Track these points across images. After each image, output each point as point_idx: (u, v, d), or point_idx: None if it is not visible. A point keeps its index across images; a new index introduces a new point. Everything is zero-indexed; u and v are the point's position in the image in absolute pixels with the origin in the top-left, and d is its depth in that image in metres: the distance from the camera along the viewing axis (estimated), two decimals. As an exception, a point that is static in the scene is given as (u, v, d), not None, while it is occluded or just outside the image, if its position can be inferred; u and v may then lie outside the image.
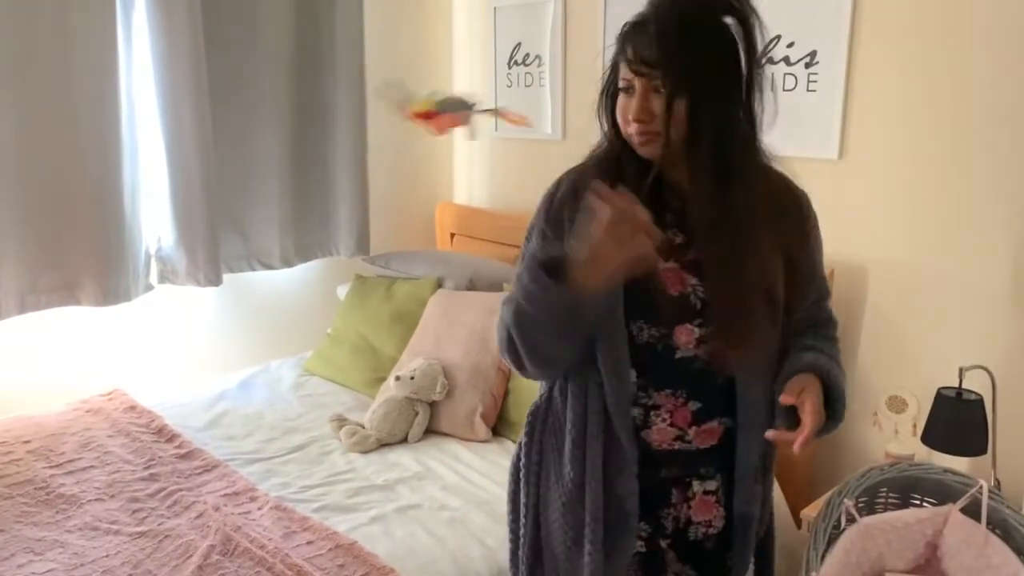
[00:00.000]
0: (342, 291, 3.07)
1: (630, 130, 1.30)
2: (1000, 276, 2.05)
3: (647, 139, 1.28)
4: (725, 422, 1.39)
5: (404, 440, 2.37)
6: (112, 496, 2.01)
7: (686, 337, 1.31)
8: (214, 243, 2.74)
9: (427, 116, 1.67)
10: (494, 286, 2.78)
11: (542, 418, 1.44)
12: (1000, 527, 1.72)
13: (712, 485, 1.42)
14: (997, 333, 2.06)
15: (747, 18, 1.27)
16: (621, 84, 1.30)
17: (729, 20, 1.26)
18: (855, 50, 2.22)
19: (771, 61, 2.38)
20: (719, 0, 1.26)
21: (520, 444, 1.47)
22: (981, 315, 2.09)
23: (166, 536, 1.82)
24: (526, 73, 3.13)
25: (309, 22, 2.95)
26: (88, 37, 2.42)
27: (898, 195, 2.20)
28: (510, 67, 3.19)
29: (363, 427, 2.36)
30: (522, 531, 1.46)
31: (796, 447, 1.26)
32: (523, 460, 1.45)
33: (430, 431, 2.42)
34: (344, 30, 2.99)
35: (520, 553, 1.47)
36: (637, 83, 1.27)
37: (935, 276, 2.16)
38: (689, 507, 1.42)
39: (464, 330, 2.53)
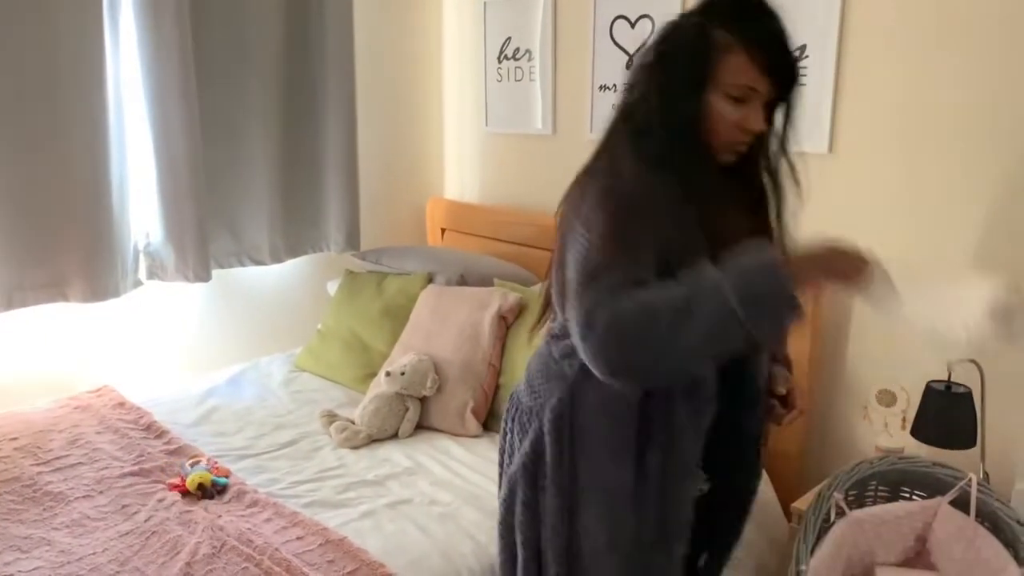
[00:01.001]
0: (332, 287, 3.06)
1: (739, 138, 1.30)
2: (987, 270, 2.05)
3: (744, 148, 1.33)
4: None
5: (395, 436, 2.36)
6: (100, 493, 1.99)
7: None
8: (203, 239, 2.72)
9: None
10: (485, 281, 2.77)
11: (569, 422, 1.37)
12: (989, 519, 1.73)
13: None
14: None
15: None
16: (739, 91, 1.26)
17: None
18: (845, 44, 2.22)
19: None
20: None
21: (533, 451, 1.41)
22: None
23: (153, 533, 1.81)
24: (516, 68, 3.13)
25: (298, 17, 2.94)
26: (75, 34, 2.40)
27: (888, 189, 2.20)
28: (500, 61, 3.18)
29: (353, 423, 2.35)
30: (553, 538, 1.40)
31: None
32: (552, 469, 1.38)
33: (421, 427, 2.41)
34: (333, 25, 2.98)
35: (551, 560, 1.42)
36: (762, 95, 1.27)
37: (924, 270, 2.16)
38: None
39: (455, 326, 2.53)
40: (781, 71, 1.26)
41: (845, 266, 1.19)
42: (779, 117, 1.36)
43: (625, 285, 1.17)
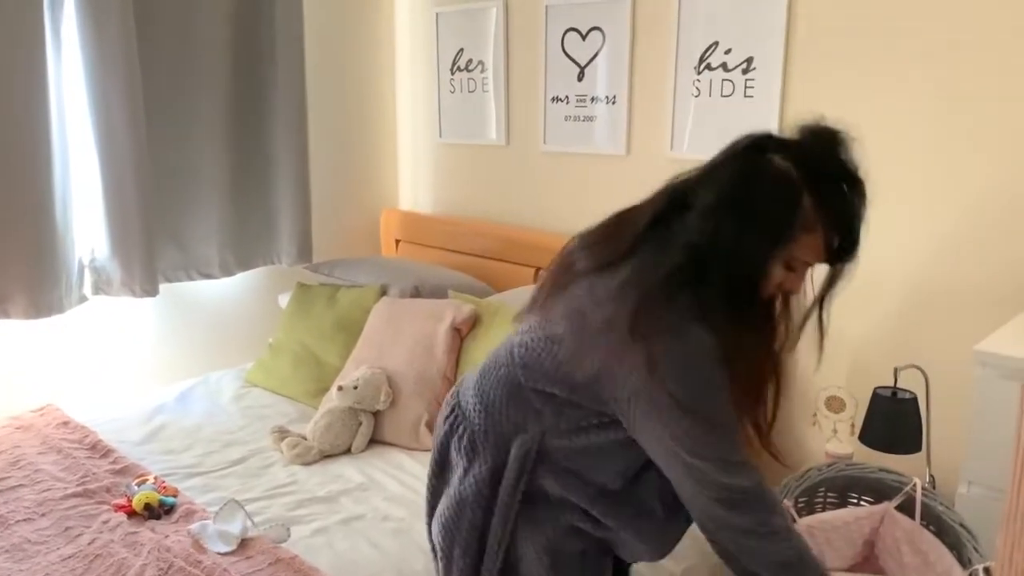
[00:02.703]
0: (284, 300, 3.02)
1: (773, 294, 1.32)
2: (931, 277, 2.10)
3: None
4: None
5: (348, 451, 2.33)
6: (42, 515, 1.94)
7: None
8: (150, 253, 2.67)
9: None
10: (439, 293, 2.76)
11: (533, 463, 1.39)
12: (934, 523, 1.76)
13: None
14: (930, 333, 2.11)
15: None
16: (798, 265, 1.26)
17: None
18: (790, 56, 2.26)
19: (709, 68, 2.41)
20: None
21: (492, 477, 1.41)
22: (914, 316, 2.13)
23: (98, 556, 1.76)
24: (469, 79, 3.13)
25: (248, 26, 2.90)
26: (13, 41, 2.34)
27: (834, 199, 2.24)
28: (453, 73, 3.18)
29: (305, 439, 2.32)
30: (490, 556, 1.42)
31: None
32: (505, 496, 1.40)
33: (374, 441, 2.39)
34: (284, 34, 2.95)
35: None
36: (813, 266, 1.28)
37: (869, 278, 2.20)
38: None
39: (409, 338, 2.51)
40: (848, 256, 1.25)
41: None
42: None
43: (764, 492, 1.32)
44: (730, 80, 2.36)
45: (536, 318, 1.43)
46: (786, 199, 1.20)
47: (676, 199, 1.30)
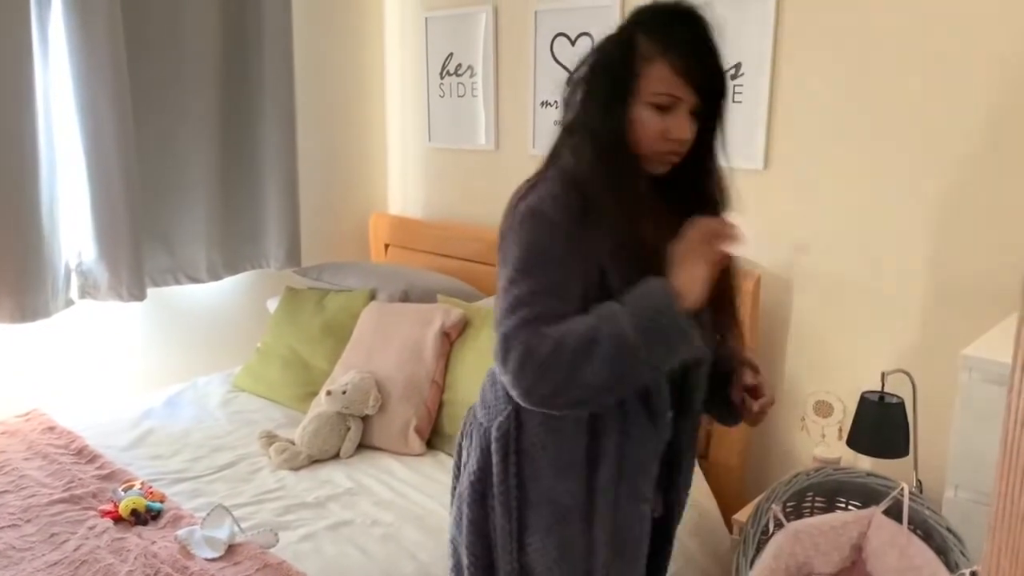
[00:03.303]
0: (272, 304, 3.01)
1: (665, 148, 1.28)
2: (918, 283, 2.11)
3: (675, 159, 1.30)
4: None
5: (336, 456, 2.32)
6: (27, 521, 1.92)
7: None
8: (137, 256, 2.65)
9: None
10: (428, 297, 2.76)
11: (515, 438, 1.36)
12: (921, 527, 1.77)
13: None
14: (916, 337, 2.12)
15: None
16: (661, 100, 1.25)
17: None
18: (778, 62, 2.27)
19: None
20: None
21: (480, 468, 1.40)
22: (901, 320, 2.15)
23: (84, 562, 1.75)
24: (458, 83, 3.13)
25: (236, 29, 2.90)
26: (0, 44, 2.33)
27: (820, 204, 2.25)
28: (442, 77, 3.18)
29: (293, 443, 2.31)
30: (507, 559, 1.39)
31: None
32: (498, 487, 1.37)
33: (363, 446, 2.38)
34: (273, 38, 2.94)
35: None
36: (686, 103, 1.26)
37: (857, 284, 2.21)
38: None
39: (398, 342, 2.51)
40: (702, 78, 1.25)
41: (708, 239, 1.22)
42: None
43: (540, 319, 1.21)
44: (719, 86, 2.37)
45: None
46: (619, 42, 1.27)
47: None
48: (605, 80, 1.28)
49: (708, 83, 1.26)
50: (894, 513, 1.79)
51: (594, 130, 1.28)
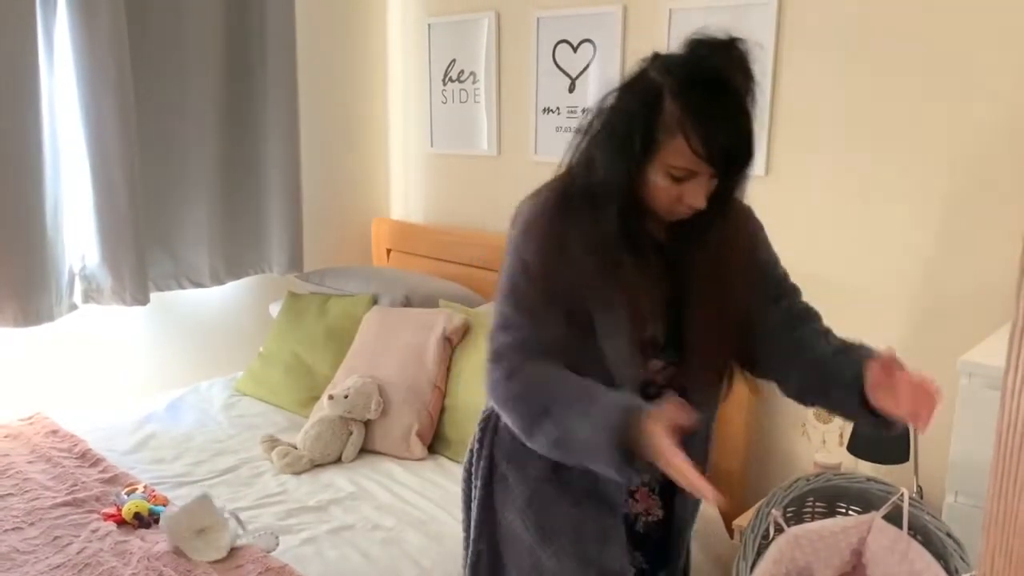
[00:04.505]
0: (275, 309, 3.02)
1: (678, 210, 1.25)
2: (918, 289, 2.12)
3: (686, 215, 1.26)
4: None
5: (338, 460, 2.33)
6: (30, 524, 1.93)
7: (652, 369, 1.36)
8: (140, 261, 2.67)
9: None
10: (430, 302, 2.77)
11: (493, 427, 1.46)
12: (921, 533, 1.77)
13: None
14: (916, 343, 2.13)
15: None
16: (679, 173, 1.20)
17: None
18: (779, 68, 2.28)
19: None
20: (750, 79, 1.24)
21: (471, 451, 1.51)
22: (900, 326, 2.15)
23: (87, 565, 1.75)
24: (461, 90, 3.14)
25: (240, 35, 2.91)
26: (5, 49, 2.34)
27: (820, 211, 2.26)
28: (445, 83, 3.20)
29: (295, 448, 2.32)
30: (477, 526, 1.49)
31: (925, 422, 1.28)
32: (475, 463, 1.49)
33: (365, 450, 2.39)
34: (276, 44, 2.96)
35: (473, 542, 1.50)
36: (705, 175, 1.21)
37: (857, 288, 2.22)
38: (635, 500, 1.48)
39: (400, 347, 2.51)
40: (726, 158, 1.19)
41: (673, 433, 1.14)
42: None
43: (526, 346, 1.27)
44: (720, 92, 2.38)
45: None
46: (645, 103, 1.20)
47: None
48: (623, 132, 1.23)
49: (732, 162, 1.21)
50: (894, 518, 1.79)
51: (601, 172, 1.25)
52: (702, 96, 1.17)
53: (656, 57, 1.26)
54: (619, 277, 1.27)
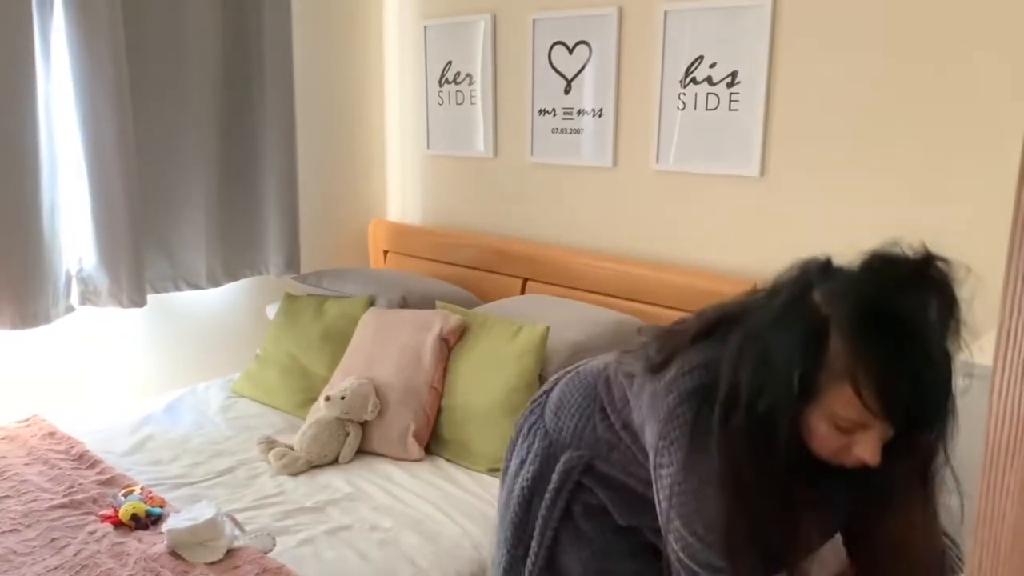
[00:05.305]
0: (271, 310, 3.02)
1: (846, 462, 1.07)
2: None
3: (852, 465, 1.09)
4: None
5: (335, 461, 2.33)
6: (28, 526, 1.93)
7: None
8: (138, 263, 2.67)
9: None
10: (427, 303, 2.77)
11: (576, 480, 1.43)
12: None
13: None
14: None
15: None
16: (845, 424, 1.03)
17: None
18: (774, 70, 2.29)
19: (694, 82, 2.44)
20: (951, 308, 1.06)
21: (534, 477, 1.46)
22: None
23: (84, 567, 1.76)
24: (457, 91, 3.15)
25: (237, 37, 2.92)
26: (2, 52, 2.35)
27: (816, 212, 2.27)
28: (441, 85, 3.20)
29: (292, 449, 2.32)
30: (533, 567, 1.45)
31: None
32: (545, 511, 1.44)
33: (362, 451, 2.39)
34: (273, 46, 2.96)
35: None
36: (878, 429, 1.02)
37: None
38: None
39: (397, 348, 2.52)
40: (903, 420, 1.01)
41: None
42: None
43: None
44: (715, 94, 2.39)
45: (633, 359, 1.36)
46: (806, 343, 1.02)
47: (724, 321, 1.21)
48: (778, 379, 1.04)
49: (914, 422, 1.02)
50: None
51: (753, 417, 1.06)
52: (878, 339, 0.98)
53: (825, 271, 1.10)
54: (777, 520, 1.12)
